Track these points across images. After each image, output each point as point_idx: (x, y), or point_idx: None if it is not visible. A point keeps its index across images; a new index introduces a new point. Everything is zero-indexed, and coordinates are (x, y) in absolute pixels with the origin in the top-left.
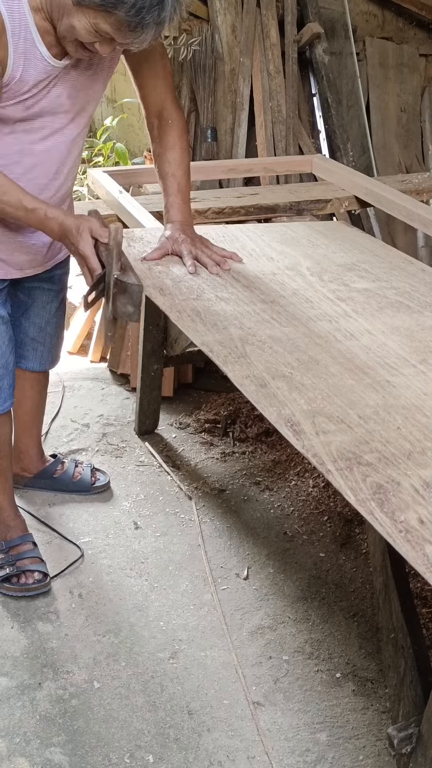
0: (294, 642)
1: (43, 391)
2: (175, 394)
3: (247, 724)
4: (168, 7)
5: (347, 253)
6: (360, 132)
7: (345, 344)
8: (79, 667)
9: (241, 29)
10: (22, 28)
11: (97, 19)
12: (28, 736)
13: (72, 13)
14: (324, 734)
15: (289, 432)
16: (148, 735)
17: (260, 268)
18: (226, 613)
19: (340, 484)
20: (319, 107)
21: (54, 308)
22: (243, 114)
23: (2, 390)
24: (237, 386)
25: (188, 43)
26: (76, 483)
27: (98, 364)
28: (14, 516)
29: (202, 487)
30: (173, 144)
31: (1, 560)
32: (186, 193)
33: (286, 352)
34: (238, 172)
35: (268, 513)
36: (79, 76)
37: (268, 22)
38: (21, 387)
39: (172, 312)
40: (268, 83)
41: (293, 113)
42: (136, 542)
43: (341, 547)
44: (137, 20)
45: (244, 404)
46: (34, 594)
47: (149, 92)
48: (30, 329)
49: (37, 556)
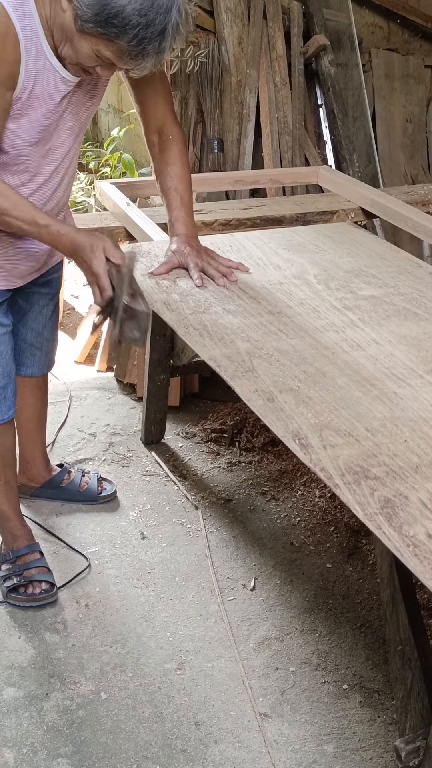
0: (301, 653)
1: (43, 397)
2: (181, 403)
3: (254, 735)
4: (169, 37)
5: (354, 258)
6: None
7: (352, 355)
8: (86, 678)
9: (247, 41)
10: (34, 41)
11: (99, 45)
12: (35, 747)
13: (75, 39)
14: (331, 746)
15: (296, 446)
16: (155, 746)
17: (267, 278)
18: (233, 624)
19: (348, 499)
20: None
21: (49, 312)
22: (249, 125)
23: (6, 398)
24: (244, 401)
25: (195, 55)
26: (82, 493)
27: (105, 373)
28: (20, 525)
29: (208, 496)
30: (174, 159)
31: (8, 570)
32: (189, 206)
33: (293, 365)
34: (244, 184)
35: (275, 523)
36: (83, 96)
37: (274, 34)
38: (22, 394)
39: (179, 327)
40: (274, 94)
41: (299, 124)
42: (143, 552)
43: (348, 557)
44: (139, 49)
45: (251, 414)
46: (42, 604)
47: (149, 109)
48: (28, 335)
49: (44, 566)
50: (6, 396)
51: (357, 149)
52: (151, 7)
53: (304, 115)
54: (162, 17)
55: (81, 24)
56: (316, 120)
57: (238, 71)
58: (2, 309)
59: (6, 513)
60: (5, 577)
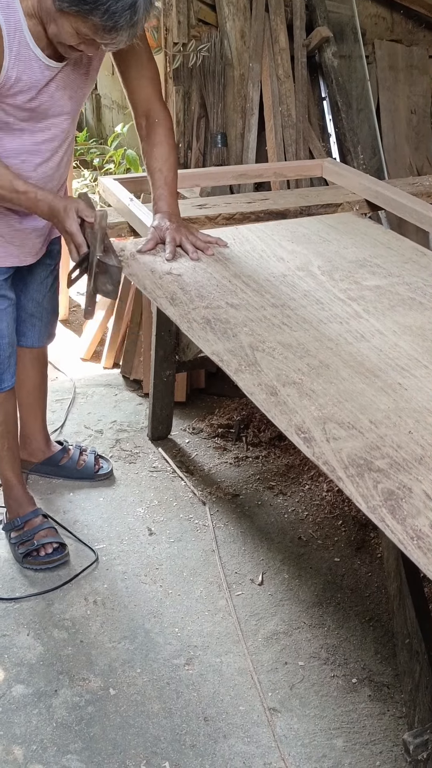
0: (309, 647)
1: (43, 370)
2: (187, 399)
3: (263, 730)
4: (140, 10)
5: (359, 248)
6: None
7: (356, 346)
8: (95, 674)
9: (250, 34)
10: (17, 32)
11: (77, 23)
12: (44, 744)
13: (56, 19)
14: (340, 740)
15: (299, 440)
16: (164, 741)
17: (270, 270)
18: (241, 619)
19: (351, 492)
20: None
21: (50, 282)
22: (253, 119)
23: (10, 366)
24: (247, 395)
25: (197, 50)
26: (80, 471)
27: (111, 370)
28: (24, 492)
29: (215, 492)
30: (160, 141)
31: (18, 537)
32: (173, 186)
33: (296, 358)
34: (248, 178)
35: (282, 518)
36: (76, 78)
37: (276, 27)
38: (22, 366)
39: (182, 322)
40: (277, 88)
41: (303, 117)
42: (151, 548)
43: (356, 551)
44: (111, 24)
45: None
46: (57, 565)
47: (137, 93)
48: (28, 305)
49: (52, 527)
50: (10, 364)
51: (361, 141)
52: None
53: (308, 108)
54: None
55: (59, 4)
56: (319, 113)
57: (240, 65)
58: (8, 283)
59: (10, 480)
60: (18, 544)
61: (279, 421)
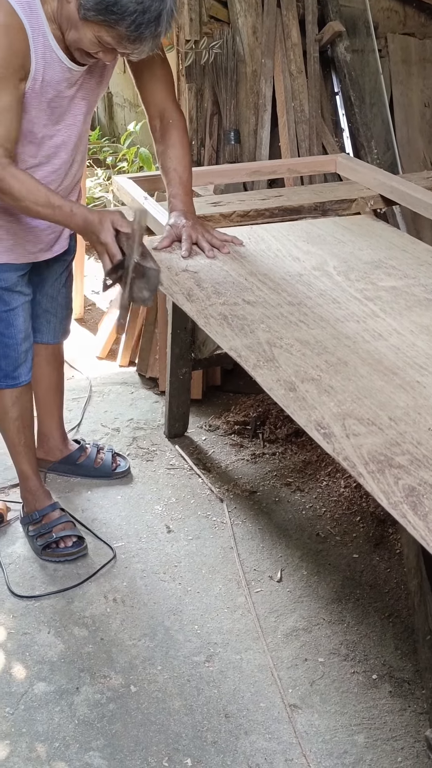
0: (329, 644)
1: (59, 368)
2: (203, 396)
3: (284, 726)
4: (164, 22)
5: (374, 250)
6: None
7: (373, 345)
8: (116, 672)
9: (262, 30)
10: (41, 34)
11: (101, 32)
12: (67, 741)
13: (79, 26)
14: (362, 736)
15: (319, 436)
16: (185, 738)
17: (286, 269)
18: (261, 616)
19: (372, 488)
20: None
21: (64, 278)
22: (266, 115)
23: (27, 361)
24: (266, 390)
25: (209, 47)
26: (97, 469)
27: (127, 368)
28: (40, 485)
29: (233, 489)
30: (174, 142)
31: (36, 530)
32: (188, 185)
33: (314, 355)
34: (262, 174)
35: (300, 514)
36: (92, 81)
37: (289, 22)
38: (38, 363)
39: (199, 318)
40: (290, 83)
41: (316, 112)
42: (169, 546)
43: (375, 547)
44: (136, 34)
45: (273, 405)
46: (75, 558)
47: (151, 95)
48: (43, 301)
49: (69, 521)
50: (26, 360)
51: (375, 136)
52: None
53: (321, 103)
54: (157, 4)
55: (84, 12)
56: (332, 108)
57: (253, 61)
58: (24, 279)
59: (26, 473)
60: (36, 536)
61: (298, 416)
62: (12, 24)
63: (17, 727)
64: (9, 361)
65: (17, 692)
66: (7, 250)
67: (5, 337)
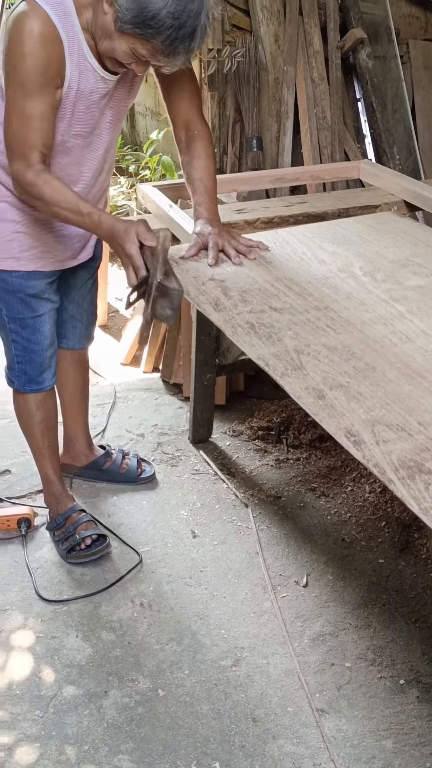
0: (356, 649)
1: (84, 373)
2: (227, 402)
3: (312, 731)
4: (198, 38)
5: (400, 248)
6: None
7: (401, 347)
8: (144, 675)
9: (284, 38)
10: (76, 43)
11: (135, 44)
12: (96, 744)
13: (114, 37)
14: (390, 741)
15: (349, 443)
16: (213, 742)
17: (312, 273)
18: (287, 621)
19: (403, 494)
20: (363, 112)
21: (90, 284)
22: (288, 122)
23: (51, 367)
24: (294, 399)
25: (232, 55)
26: (123, 474)
27: (151, 374)
28: (63, 488)
29: (257, 494)
30: (200, 153)
31: (62, 534)
32: (213, 194)
33: (342, 361)
34: (285, 181)
35: (325, 519)
36: (122, 91)
37: (310, 29)
38: (63, 369)
39: (227, 327)
40: (312, 90)
41: (338, 119)
42: (195, 551)
43: (400, 552)
44: (171, 48)
45: (297, 411)
46: (99, 557)
47: (177, 106)
48: (69, 307)
49: (91, 520)
50: (51, 365)
51: (397, 142)
52: (183, 11)
53: (343, 109)
54: (192, 20)
55: (121, 25)
56: (354, 114)
57: (275, 69)
58: (52, 287)
59: (50, 477)
60: (61, 540)
61: (327, 424)
62: (49, 33)
63: (47, 730)
64: (34, 366)
65: (47, 695)
66: (36, 258)
67: (31, 342)
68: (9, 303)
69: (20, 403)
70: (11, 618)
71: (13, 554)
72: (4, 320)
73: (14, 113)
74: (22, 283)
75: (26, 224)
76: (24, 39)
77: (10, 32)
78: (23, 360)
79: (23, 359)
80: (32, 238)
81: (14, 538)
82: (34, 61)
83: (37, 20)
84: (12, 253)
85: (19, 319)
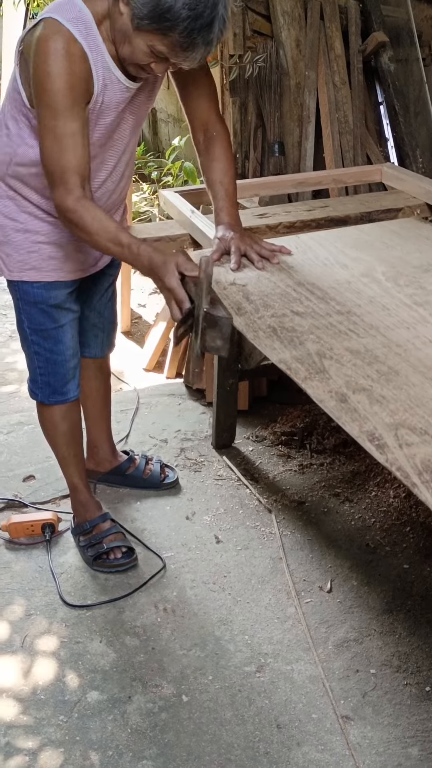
0: (381, 655)
1: (106, 381)
2: (250, 407)
3: (337, 738)
4: (216, 29)
5: (423, 253)
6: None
7: (425, 351)
8: (167, 681)
9: (305, 43)
10: (100, 55)
11: (153, 41)
12: (120, 750)
13: (132, 37)
14: (416, 749)
15: (372, 447)
16: (237, 748)
17: (335, 277)
18: (311, 627)
19: (427, 498)
20: (386, 115)
21: (111, 292)
22: (310, 127)
23: (75, 377)
24: (317, 402)
25: (253, 60)
26: (146, 480)
27: (174, 380)
28: (90, 496)
29: (281, 499)
30: (219, 155)
31: (87, 540)
32: (233, 197)
33: (365, 365)
34: (307, 185)
35: (349, 525)
36: (142, 97)
37: (332, 34)
38: (86, 377)
39: (248, 331)
40: (334, 95)
41: (360, 123)
42: (218, 556)
43: (425, 558)
44: (189, 41)
45: (321, 415)
46: (125, 569)
47: (195, 108)
48: (91, 316)
49: (120, 531)
50: (74, 376)
51: (420, 145)
52: (199, 1)
53: (365, 113)
54: (209, 11)
55: (137, 22)
56: (376, 118)
57: (296, 74)
58: (72, 296)
59: (76, 485)
60: (86, 547)
61: (350, 428)
62: (73, 50)
63: (71, 735)
64: (58, 377)
65: (71, 701)
66: (56, 268)
67: (54, 353)
68: (30, 314)
69: (45, 415)
70: (36, 623)
71: (38, 560)
72: (25, 332)
73: (47, 136)
74: (44, 293)
75: (47, 234)
76: (49, 59)
77: (35, 56)
78: (46, 372)
79: (46, 371)
80: (53, 248)
81: (38, 543)
82: (62, 79)
83: (61, 39)
84: (33, 264)
85: (41, 330)
